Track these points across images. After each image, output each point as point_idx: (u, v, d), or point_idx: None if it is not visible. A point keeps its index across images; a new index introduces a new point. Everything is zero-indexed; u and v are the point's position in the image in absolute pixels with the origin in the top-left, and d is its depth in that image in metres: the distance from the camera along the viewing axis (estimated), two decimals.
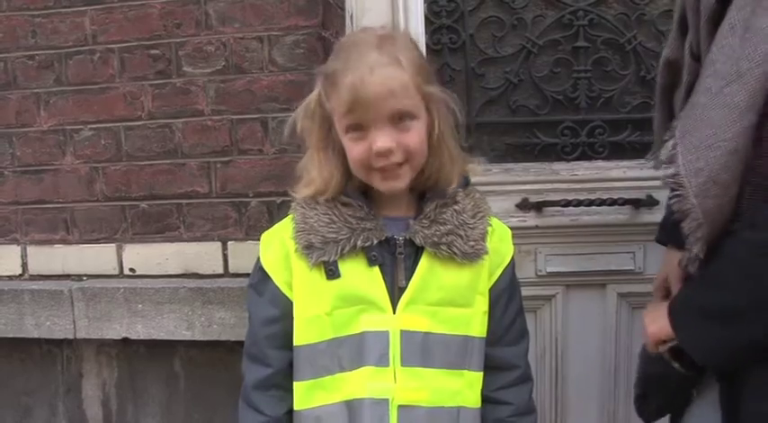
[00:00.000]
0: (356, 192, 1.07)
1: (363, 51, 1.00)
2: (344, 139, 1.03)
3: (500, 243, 1.13)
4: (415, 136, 1.01)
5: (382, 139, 0.98)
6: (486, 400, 1.12)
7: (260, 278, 1.11)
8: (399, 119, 1.00)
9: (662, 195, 1.74)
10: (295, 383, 1.08)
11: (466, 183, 1.11)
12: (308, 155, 1.10)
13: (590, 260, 1.77)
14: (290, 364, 1.09)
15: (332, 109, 1.03)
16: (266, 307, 1.10)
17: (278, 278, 1.09)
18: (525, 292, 1.73)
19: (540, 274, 1.78)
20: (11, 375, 1.92)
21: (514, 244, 1.14)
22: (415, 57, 1.04)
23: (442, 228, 1.05)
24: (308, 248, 1.05)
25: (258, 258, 1.12)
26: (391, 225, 1.07)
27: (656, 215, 1.74)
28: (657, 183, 1.75)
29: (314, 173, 1.08)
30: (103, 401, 1.88)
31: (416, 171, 1.05)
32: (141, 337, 1.75)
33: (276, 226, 1.14)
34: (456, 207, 1.07)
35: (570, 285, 1.80)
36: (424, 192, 1.09)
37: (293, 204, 1.11)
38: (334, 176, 1.06)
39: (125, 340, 1.77)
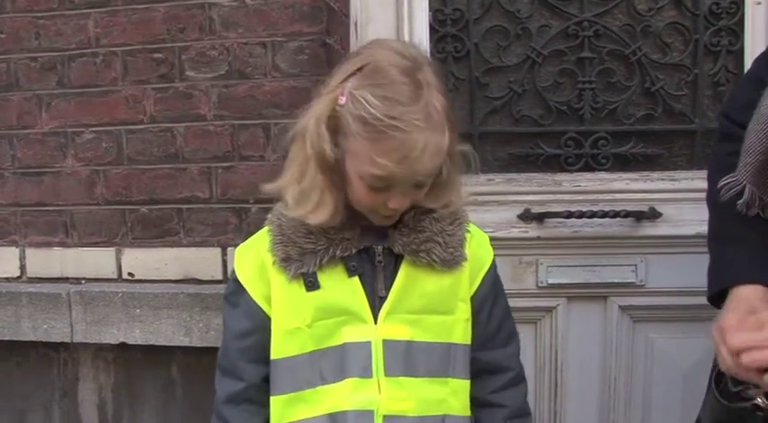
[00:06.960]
0: None
1: (412, 114, 0.91)
2: (358, 180, 0.97)
3: (479, 249, 1.12)
4: (425, 191, 1.01)
5: (401, 202, 0.98)
6: (481, 403, 1.11)
7: (233, 289, 1.09)
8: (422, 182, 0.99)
9: (664, 208, 1.73)
10: (272, 398, 1.06)
11: None
12: (303, 168, 1.01)
13: (591, 272, 1.76)
14: (265, 379, 1.07)
15: (356, 148, 0.95)
16: (240, 319, 1.08)
17: (254, 291, 1.07)
18: (526, 303, 1.76)
19: (541, 285, 1.77)
20: (7, 378, 1.91)
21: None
22: (446, 100, 0.98)
23: (420, 235, 1.04)
24: (285, 261, 1.03)
25: (233, 271, 1.11)
26: (369, 234, 1.05)
27: (659, 228, 1.73)
28: (660, 195, 1.77)
29: (317, 198, 1.00)
30: (99, 406, 1.87)
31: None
32: (139, 342, 1.74)
33: (252, 238, 1.12)
34: (434, 214, 1.05)
35: (571, 297, 1.79)
36: None
37: (269, 216, 1.08)
38: (338, 209, 1.00)
39: (122, 345, 1.76)
